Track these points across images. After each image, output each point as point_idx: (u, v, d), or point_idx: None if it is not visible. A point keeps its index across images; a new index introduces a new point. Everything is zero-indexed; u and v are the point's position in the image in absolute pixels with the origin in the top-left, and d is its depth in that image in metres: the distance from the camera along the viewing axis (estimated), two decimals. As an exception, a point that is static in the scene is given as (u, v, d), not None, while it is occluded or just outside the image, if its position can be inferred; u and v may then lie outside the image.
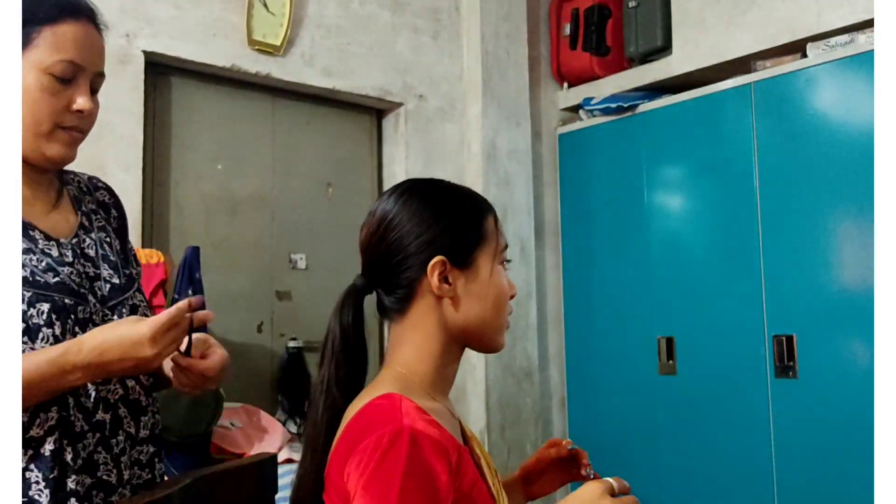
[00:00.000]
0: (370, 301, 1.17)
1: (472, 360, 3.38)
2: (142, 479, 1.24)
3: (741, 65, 3.23)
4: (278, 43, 2.97)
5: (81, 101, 1.16)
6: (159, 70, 2.83)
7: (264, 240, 3.10)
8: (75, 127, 1.18)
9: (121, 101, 2.59)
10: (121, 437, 1.20)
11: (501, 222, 1.17)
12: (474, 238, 1.11)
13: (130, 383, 1.23)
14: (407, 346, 1.11)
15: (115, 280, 1.23)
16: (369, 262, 1.14)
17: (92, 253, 1.22)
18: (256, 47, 2.93)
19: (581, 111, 3.83)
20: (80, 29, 1.17)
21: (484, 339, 1.12)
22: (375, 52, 3.29)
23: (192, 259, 2.50)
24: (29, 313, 1.09)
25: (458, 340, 1.12)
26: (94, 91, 1.20)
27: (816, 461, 2.85)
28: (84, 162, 2.65)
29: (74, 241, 1.21)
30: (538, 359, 3.60)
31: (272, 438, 2.63)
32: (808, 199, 2.95)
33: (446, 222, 1.10)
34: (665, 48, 3.50)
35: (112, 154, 2.57)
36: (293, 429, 2.91)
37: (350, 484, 0.94)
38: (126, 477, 1.20)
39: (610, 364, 3.61)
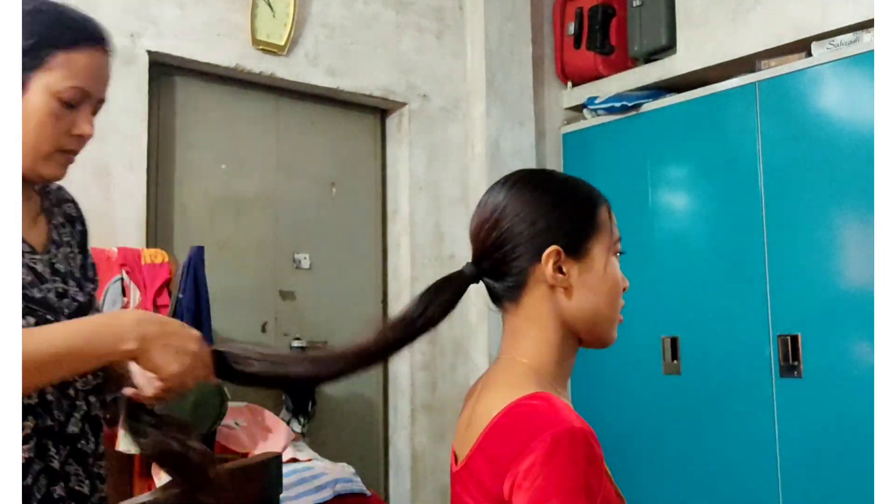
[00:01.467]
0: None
1: (477, 359, 3.38)
2: (104, 493, 1.24)
3: (745, 64, 3.22)
4: (282, 43, 2.97)
5: (84, 127, 1.17)
6: (163, 70, 2.83)
7: (268, 239, 3.10)
8: (73, 150, 1.19)
9: (125, 101, 2.59)
10: (88, 451, 1.20)
11: None
12: (589, 228, 1.09)
13: (92, 399, 1.23)
14: (525, 339, 1.09)
15: (80, 298, 1.24)
16: (481, 250, 1.11)
17: (62, 269, 1.23)
18: (260, 47, 2.93)
19: (585, 110, 3.82)
20: (94, 57, 1.18)
21: (596, 331, 1.10)
22: (379, 52, 3.29)
23: (197, 259, 2.50)
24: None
25: (573, 332, 1.10)
26: (93, 114, 1.21)
27: (821, 460, 2.84)
28: (88, 162, 2.65)
29: (47, 256, 1.21)
30: (542, 358, 3.60)
31: (276, 438, 2.63)
32: (813, 199, 2.94)
33: (561, 211, 1.08)
34: (669, 47, 3.50)
35: (116, 154, 2.58)
36: (297, 428, 2.91)
37: (523, 484, 0.91)
38: (96, 488, 1.21)
39: (614, 364, 3.60)
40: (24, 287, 1.12)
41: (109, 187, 2.58)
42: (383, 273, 3.43)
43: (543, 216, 1.07)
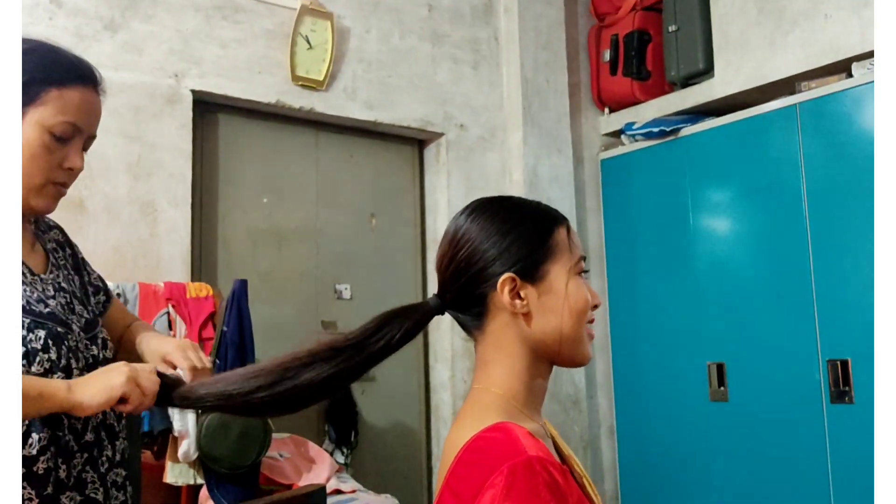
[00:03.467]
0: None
1: (519, 389, 3.36)
2: (119, 500, 1.29)
3: (785, 86, 3.19)
4: (321, 78, 3.03)
5: (74, 161, 1.24)
6: (207, 108, 2.90)
7: (309, 271, 3.14)
8: (63, 183, 1.26)
9: (170, 140, 2.66)
10: (104, 459, 1.26)
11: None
12: (543, 251, 1.09)
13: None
14: (493, 366, 1.10)
15: (86, 315, 1.30)
16: (442, 281, 1.14)
17: (66, 287, 1.29)
18: (300, 83, 2.99)
19: (623, 136, 3.81)
20: (85, 95, 1.24)
21: (564, 352, 1.10)
22: (416, 84, 3.33)
23: (240, 292, 2.54)
24: (28, 338, 1.16)
25: (542, 356, 1.10)
26: (84, 149, 1.28)
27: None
28: (136, 199, 2.72)
29: (51, 276, 1.28)
30: (585, 386, 3.57)
31: (320, 469, 2.64)
32: (859, 220, 2.89)
33: (512, 237, 1.09)
34: (707, 71, 3.48)
35: (162, 191, 2.64)
36: (340, 459, 2.92)
37: None
38: (111, 495, 1.26)
39: (659, 391, 3.55)
40: (31, 303, 1.18)
41: (156, 223, 2.64)
42: (424, 302, 3.44)
43: (495, 244, 1.08)
